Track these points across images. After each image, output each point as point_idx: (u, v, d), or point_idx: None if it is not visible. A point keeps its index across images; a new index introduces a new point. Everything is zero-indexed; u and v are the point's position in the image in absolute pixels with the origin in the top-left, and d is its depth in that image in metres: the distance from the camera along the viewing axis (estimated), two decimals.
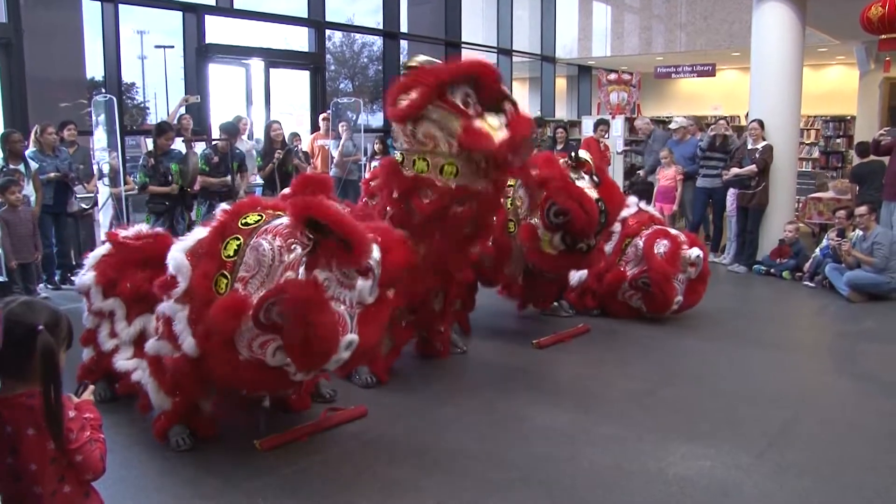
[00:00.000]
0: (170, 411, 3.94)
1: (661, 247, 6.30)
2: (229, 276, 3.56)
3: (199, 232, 3.79)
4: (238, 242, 3.60)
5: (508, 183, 5.65)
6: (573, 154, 5.63)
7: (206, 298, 3.54)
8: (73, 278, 7.91)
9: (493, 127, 4.25)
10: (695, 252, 6.33)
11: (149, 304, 4.29)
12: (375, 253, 3.45)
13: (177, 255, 3.72)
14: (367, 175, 6.11)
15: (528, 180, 5.46)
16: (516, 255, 5.77)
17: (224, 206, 3.91)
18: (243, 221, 3.67)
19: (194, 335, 3.60)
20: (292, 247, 3.45)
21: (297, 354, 3.40)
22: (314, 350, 3.34)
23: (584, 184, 5.50)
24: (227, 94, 11.02)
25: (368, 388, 4.79)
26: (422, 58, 4.52)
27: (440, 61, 4.55)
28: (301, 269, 3.38)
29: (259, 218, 3.68)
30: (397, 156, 4.65)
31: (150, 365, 3.94)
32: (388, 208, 4.69)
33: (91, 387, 2.49)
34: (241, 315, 3.41)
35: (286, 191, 4.25)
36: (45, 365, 2.16)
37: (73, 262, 7.87)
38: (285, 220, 3.57)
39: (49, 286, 7.83)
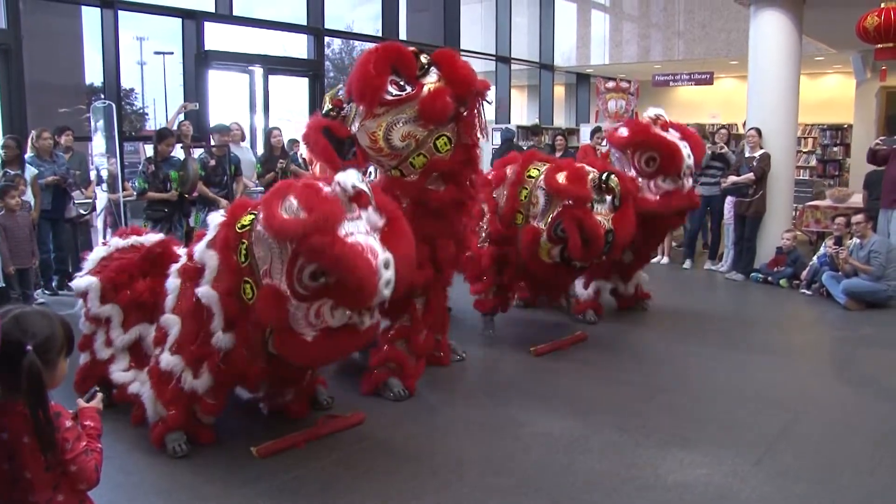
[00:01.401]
0: (168, 418, 3.93)
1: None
2: (251, 279, 3.59)
3: (211, 260, 3.77)
4: (244, 246, 3.62)
5: (529, 174, 5.71)
6: (604, 175, 5.52)
7: (240, 312, 3.64)
8: (70, 284, 7.91)
9: (434, 83, 4.40)
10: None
11: (146, 313, 4.30)
12: (350, 175, 3.50)
13: (204, 290, 3.74)
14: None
15: (551, 185, 5.45)
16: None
17: (216, 216, 3.91)
18: (240, 226, 3.69)
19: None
20: None
21: (351, 297, 3.43)
22: (361, 284, 3.36)
23: (603, 208, 5.44)
24: (229, 100, 11.02)
25: (400, 402, 4.72)
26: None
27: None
28: None
29: (252, 216, 3.68)
30: (374, 175, 4.73)
31: (153, 377, 3.95)
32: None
33: (100, 395, 2.47)
34: (281, 302, 3.45)
35: None
36: (30, 387, 2.13)
37: (71, 268, 7.87)
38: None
39: (46, 292, 7.83)
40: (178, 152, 8.17)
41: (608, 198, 5.49)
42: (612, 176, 5.55)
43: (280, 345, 3.59)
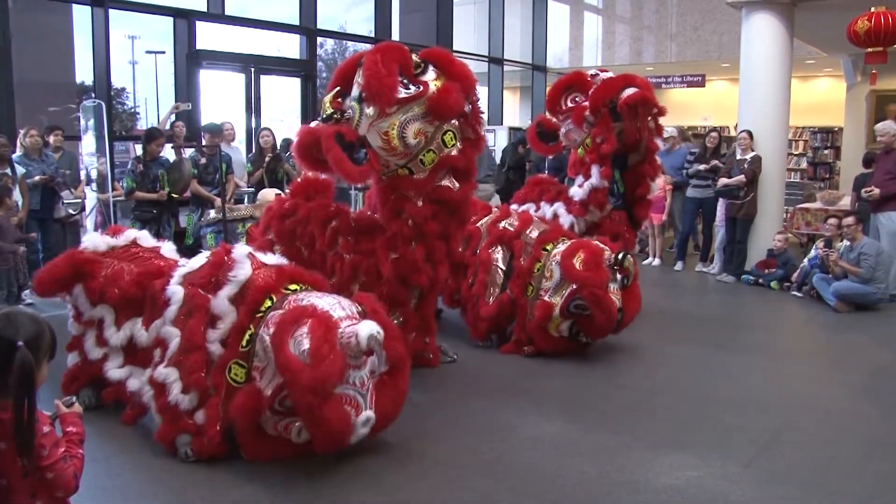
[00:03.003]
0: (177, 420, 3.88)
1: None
2: (245, 365, 3.69)
3: (226, 316, 3.81)
4: (250, 333, 3.68)
5: (546, 248, 5.68)
6: (619, 256, 5.49)
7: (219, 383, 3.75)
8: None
9: (434, 80, 4.55)
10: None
11: (136, 308, 4.27)
12: (371, 328, 3.47)
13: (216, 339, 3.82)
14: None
15: (568, 272, 5.40)
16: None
17: (243, 265, 3.93)
18: (258, 311, 3.76)
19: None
20: None
21: (316, 439, 3.54)
22: (331, 436, 3.49)
23: (615, 288, 5.43)
24: (223, 100, 10.96)
25: None
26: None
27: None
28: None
29: (269, 304, 3.76)
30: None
31: (155, 388, 3.93)
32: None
33: (76, 402, 2.45)
34: (259, 410, 3.58)
35: (278, 192, 4.31)
36: (22, 382, 2.12)
37: None
38: (282, 309, 3.67)
39: (34, 292, 7.77)
40: (167, 152, 8.13)
41: (619, 277, 5.49)
42: (628, 256, 5.57)
43: (241, 438, 3.72)
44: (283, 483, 3.66)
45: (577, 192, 6.64)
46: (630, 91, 6.32)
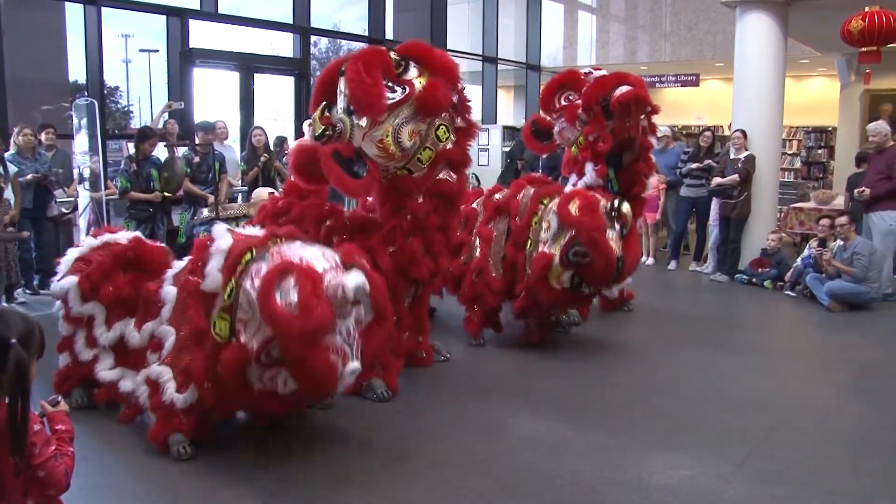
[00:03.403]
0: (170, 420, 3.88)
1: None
2: (228, 319, 3.61)
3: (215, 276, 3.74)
4: (231, 285, 3.61)
5: (542, 202, 5.67)
6: (616, 203, 5.48)
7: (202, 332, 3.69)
8: (51, 283, 7.83)
9: (418, 77, 4.55)
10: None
11: (128, 308, 4.26)
12: (357, 279, 3.46)
13: None
14: None
15: (565, 218, 5.38)
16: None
17: (223, 235, 3.85)
18: (241, 262, 3.66)
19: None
20: None
21: (303, 388, 3.52)
22: (318, 385, 3.48)
23: (613, 235, 5.41)
24: (217, 98, 10.93)
25: (384, 403, 4.70)
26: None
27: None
28: None
29: (249, 257, 3.66)
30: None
31: (150, 386, 3.92)
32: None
33: (61, 401, 2.43)
34: (244, 364, 3.52)
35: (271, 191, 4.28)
36: (16, 379, 2.12)
37: (53, 268, 7.78)
38: (266, 261, 3.58)
39: (28, 291, 7.74)
40: (160, 151, 8.10)
41: (618, 226, 5.45)
42: (625, 203, 5.53)
43: (227, 390, 3.68)
44: (277, 482, 3.65)
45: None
46: (623, 89, 6.32)
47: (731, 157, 8.98)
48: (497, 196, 6.07)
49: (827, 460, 4.00)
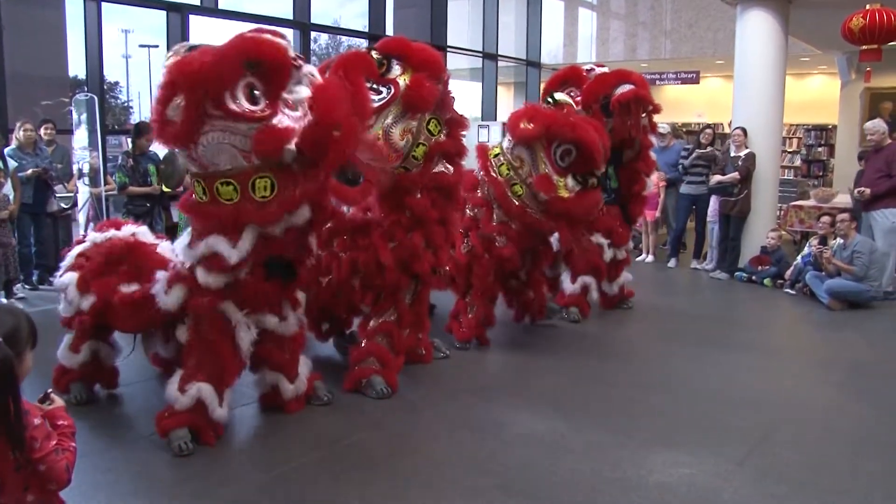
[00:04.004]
0: (180, 413, 3.87)
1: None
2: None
3: None
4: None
5: (495, 151, 5.66)
6: (551, 98, 5.62)
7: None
8: (51, 279, 7.83)
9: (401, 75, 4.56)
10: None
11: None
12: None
13: None
14: None
15: (523, 137, 5.41)
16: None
17: None
18: None
19: None
20: None
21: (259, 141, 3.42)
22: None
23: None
24: None
25: (383, 400, 4.68)
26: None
27: None
28: None
29: None
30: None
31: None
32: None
33: (55, 397, 2.42)
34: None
35: None
36: (3, 377, 2.11)
37: (53, 263, 7.78)
38: None
39: (27, 286, 7.74)
40: (157, 146, 8.09)
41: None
42: (555, 94, 5.72)
43: None
44: (275, 480, 3.65)
45: None
46: (624, 88, 6.32)
47: (732, 154, 8.98)
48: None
49: (826, 459, 4.00)
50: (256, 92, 3.45)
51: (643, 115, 6.52)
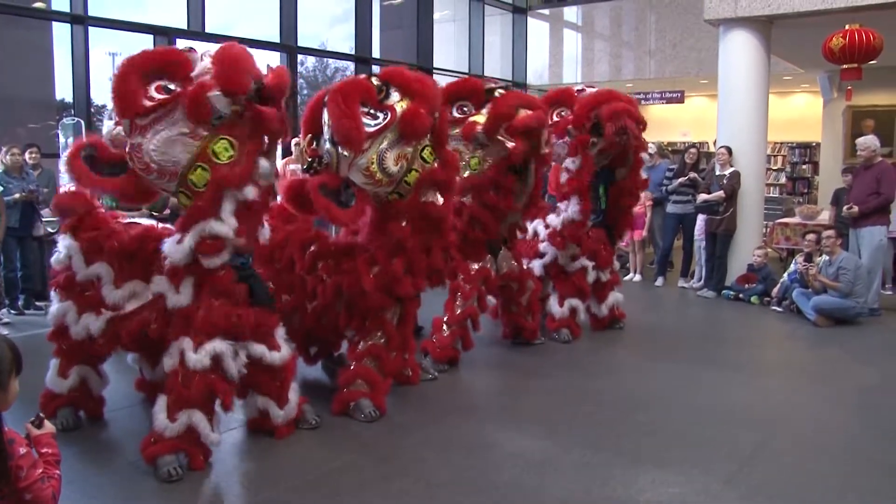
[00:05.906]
0: (167, 439, 3.82)
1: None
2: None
3: None
4: None
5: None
6: (489, 88, 5.77)
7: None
8: (37, 303, 7.77)
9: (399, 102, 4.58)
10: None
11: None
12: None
13: None
14: None
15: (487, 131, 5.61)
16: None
17: None
18: None
19: None
20: None
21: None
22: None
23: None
24: None
25: (372, 423, 4.65)
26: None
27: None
28: None
29: None
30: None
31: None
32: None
33: (47, 422, 2.41)
34: None
35: None
36: None
37: (39, 287, 7.73)
38: None
39: (13, 311, 7.68)
40: None
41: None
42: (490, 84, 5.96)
43: None
44: (262, 503, 3.63)
45: (553, 220, 6.69)
46: (613, 104, 6.46)
47: (717, 173, 9.04)
48: None
49: (815, 476, 4.01)
50: (171, 86, 3.85)
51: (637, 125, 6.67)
